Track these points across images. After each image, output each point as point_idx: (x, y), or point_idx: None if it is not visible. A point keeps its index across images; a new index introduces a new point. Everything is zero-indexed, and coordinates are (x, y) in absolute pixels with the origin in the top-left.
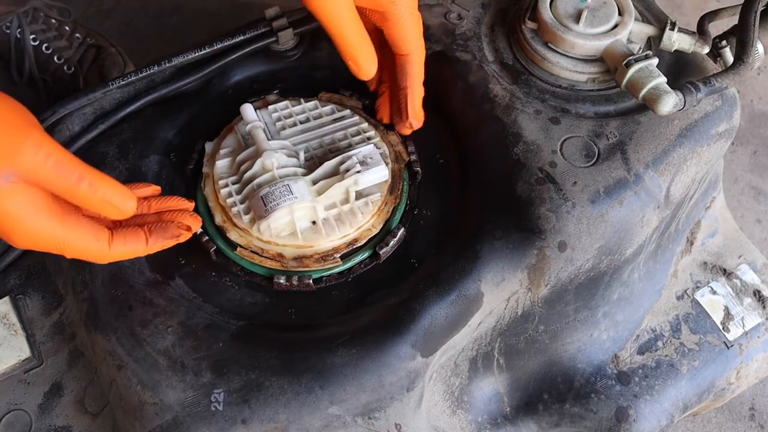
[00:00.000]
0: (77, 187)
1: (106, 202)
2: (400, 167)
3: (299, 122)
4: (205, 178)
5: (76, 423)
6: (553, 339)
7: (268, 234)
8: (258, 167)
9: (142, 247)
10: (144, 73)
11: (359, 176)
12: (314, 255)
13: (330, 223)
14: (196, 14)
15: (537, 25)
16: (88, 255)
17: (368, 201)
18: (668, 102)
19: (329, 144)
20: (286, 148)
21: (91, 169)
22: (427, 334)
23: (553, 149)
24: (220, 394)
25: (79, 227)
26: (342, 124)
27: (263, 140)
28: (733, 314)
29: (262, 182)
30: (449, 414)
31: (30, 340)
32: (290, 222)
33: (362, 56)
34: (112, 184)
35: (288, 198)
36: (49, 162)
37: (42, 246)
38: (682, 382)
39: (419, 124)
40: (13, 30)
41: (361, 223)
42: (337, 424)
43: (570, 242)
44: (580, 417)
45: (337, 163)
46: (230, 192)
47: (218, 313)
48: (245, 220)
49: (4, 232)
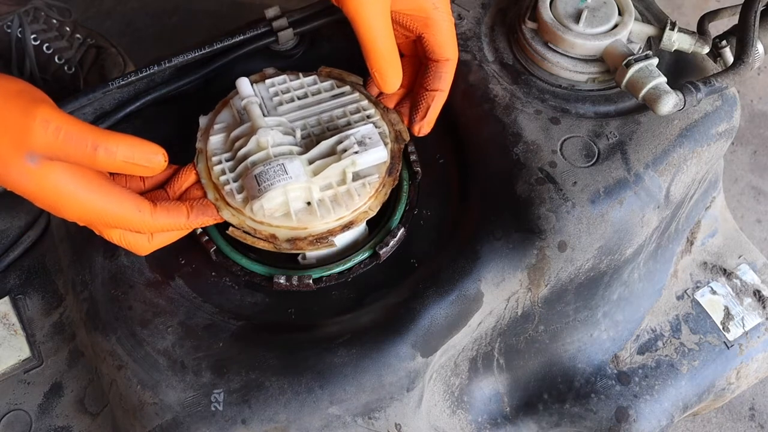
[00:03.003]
0: (94, 156)
1: (130, 164)
2: (400, 147)
3: (297, 98)
4: (198, 154)
5: (76, 423)
6: (553, 339)
7: (261, 214)
8: (253, 144)
9: (183, 220)
10: (144, 73)
11: (357, 157)
12: (308, 237)
13: (325, 204)
14: (196, 14)
15: (537, 25)
16: (131, 225)
17: (365, 182)
18: (668, 102)
19: (327, 122)
20: (282, 125)
21: (105, 135)
22: (427, 334)
23: (553, 149)
24: (220, 394)
25: (120, 199)
26: (341, 101)
27: (259, 116)
28: (733, 314)
29: (257, 160)
30: (449, 414)
31: (30, 340)
32: (284, 203)
33: (390, 68)
34: (131, 143)
35: (282, 178)
36: (60, 136)
37: (89, 219)
38: (682, 382)
39: (428, 130)
40: (14, 30)
41: (357, 205)
42: (337, 424)
43: (570, 242)
44: (580, 417)
45: (335, 143)
46: (223, 169)
47: (218, 313)
48: (238, 199)
49: (51, 208)
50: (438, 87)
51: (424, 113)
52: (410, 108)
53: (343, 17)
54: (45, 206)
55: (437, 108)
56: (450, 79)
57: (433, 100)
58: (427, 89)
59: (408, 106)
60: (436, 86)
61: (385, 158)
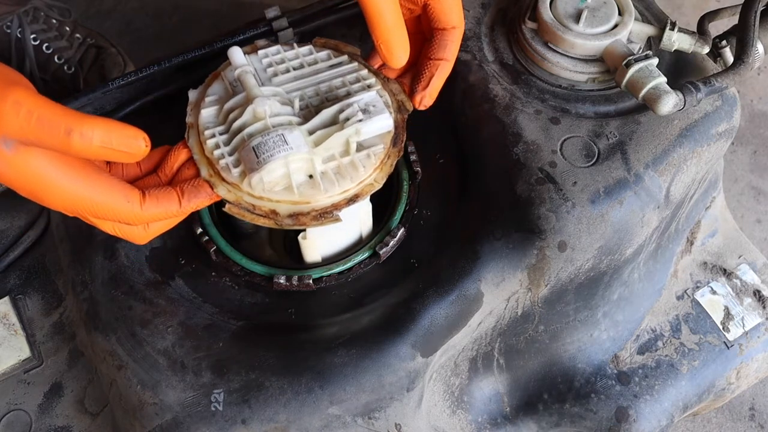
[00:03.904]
0: (68, 141)
1: (108, 149)
2: (404, 118)
3: (292, 68)
4: (189, 129)
5: (76, 423)
6: (553, 339)
7: (261, 189)
8: (249, 115)
9: (175, 208)
10: (144, 73)
11: (361, 125)
12: (311, 212)
13: (329, 177)
14: (196, 14)
15: (537, 25)
16: (120, 217)
17: (370, 153)
18: (668, 102)
19: (326, 92)
20: (279, 96)
21: (80, 118)
22: (427, 334)
23: (553, 149)
24: (220, 394)
25: (107, 188)
26: (339, 71)
27: (254, 86)
28: (733, 314)
29: (254, 132)
30: (449, 414)
31: (30, 340)
32: (285, 175)
33: (398, 40)
34: (108, 127)
35: (283, 148)
36: (33, 120)
37: (74, 209)
38: (682, 382)
39: (431, 102)
40: (13, 30)
41: (362, 177)
42: (337, 424)
43: (570, 242)
44: (580, 417)
45: (336, 111)
46: (217, 143)
47: (218, 313)
48: (235, 173)
49: (33, 196)
50: (443, 56)
51: (426, 82)
52: (412, 79)
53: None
54: (27, 194)
55: (441, 78)
56: (455, 49)
57: (437, 69)
58: (431, 58)
59: (410, 78)
60: (440, 55)
61: (391, 126)
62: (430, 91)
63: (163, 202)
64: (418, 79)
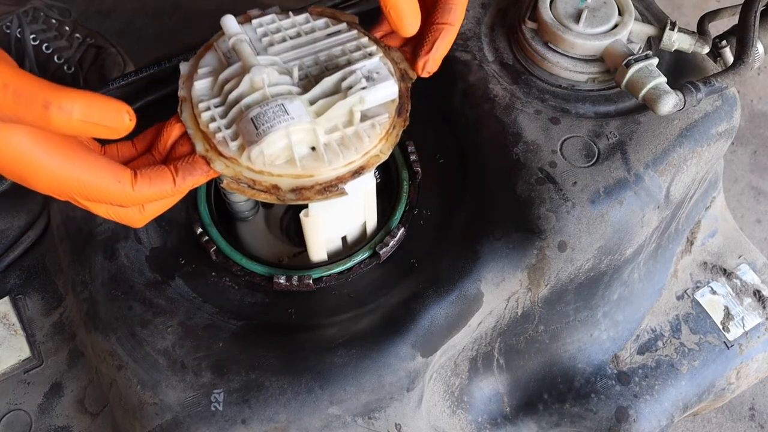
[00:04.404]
0: (47, 115)
1: (89, 124)
2: (407, 86)
3: (289, 38)
4: (181, 103)
5: (76, 423)
6: (553, 339)
7: (261, 162)
8: (246, 85)
9: (169, 187)
10: (144, 73)
11: (365, 93)
12: (315, 185)
13: (332, 148)
14: (196, 14)
15: (537, 25)
16: (111, 198)
17: (375, 123)
18: (668, 102)
19: (326, 61)
20: (277, 65)
21: (59, 91)
22: (427, 334)
23: (553, 149)
24: (220, 394)
25: (95, 168)
26: (338, 39)
27: (250, 55)
28: (733, 314)
29: (252, 102)
30: (449, 414)
31: (30, 340)
32: (287, 147)
33: (408, 6)
34: (89, 101)
35: (283, 119)
36: (9, 94)
37: (62, 191)
38: (682, 382)
39: (434, 68)
40: (13, 30)
41: (367, 147)
42: (337, 424)
43: (570, 242)
44: (580, 417)
45: (339, 80)
46: (213, 116)
47: (218, 313)
48: (232, 147)
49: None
50: (447, 20)
51: (430, 47)
52: (415, 46)
53: None
54: (11, 176)
55: (445, 44)
56: (461, 14)
57: (441, 34)
58: (435, 23)
59: (412, 47)
60: (445, 19)
61: (396, 93)
62: (434, 56)
63: (156, 181)
64: (421, 44)
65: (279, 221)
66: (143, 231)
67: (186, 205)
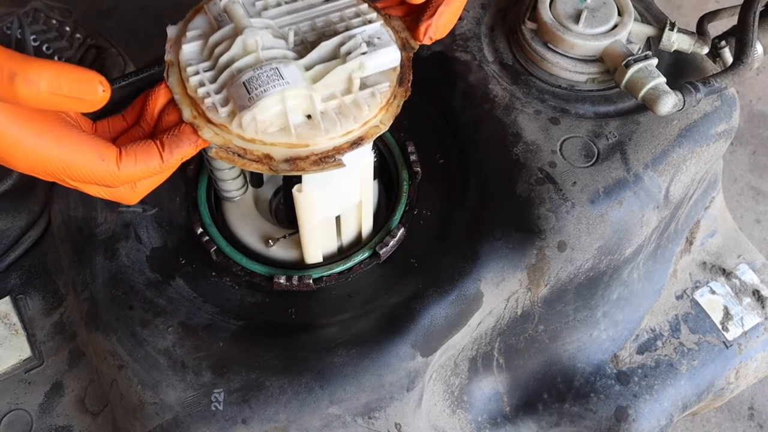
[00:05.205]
0: (12, 87)
1: (59, 96)
2: (409, 56)
3: (284, 2)
4: (168, 67)
5: (77, 423)
6: (552, 339)
7: (253, 129)
8: (238, 48)
9: (156, 163)
10: (144, 73)
11: (365, 59)
12: (310, 156)
13: (330, 116)
14: None
15: (537, 26)
16: (97, 178)
17: (374, 92)
18: (668, 102)
19: (323, 27)
20: (271, 29)
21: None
22: (427, 334)
23: (553, 149)
24: (220, 394)
25: (77, 146)
26: (337, 5)
27: (243, 16)
28: (733, 314)
29: (244, 66)
30: (449, 413)
31: (31, 340)
32: (281, 114)
33: None
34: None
35: (278, 83)
36: None
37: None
38: (682, 381)
39: (437, 35)
40: (13, 31)
41: (367, 117)
42: (337, 423)
43: (570, 242)
44: (580, 416)
45: (337, 45)
46: (202, 81)
47: (218, 313)
48: (222, 113)
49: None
50: None
51: (433, 11)
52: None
53: None
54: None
55: (450, 11)
56: None
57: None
58: None
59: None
60: None
61: (398, 60)
62: (437, 22)
63: (142, 157)
64: (423, 10)
65: (268, 203)
66: (144, 231)
67: (186, 205)
